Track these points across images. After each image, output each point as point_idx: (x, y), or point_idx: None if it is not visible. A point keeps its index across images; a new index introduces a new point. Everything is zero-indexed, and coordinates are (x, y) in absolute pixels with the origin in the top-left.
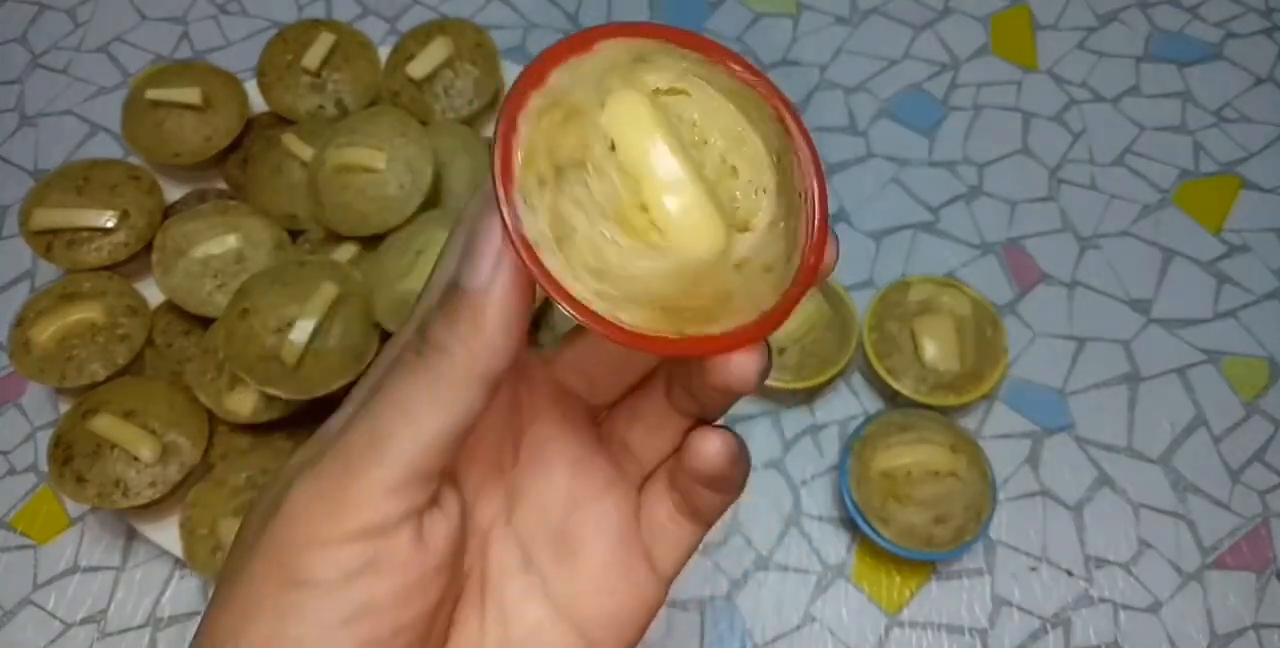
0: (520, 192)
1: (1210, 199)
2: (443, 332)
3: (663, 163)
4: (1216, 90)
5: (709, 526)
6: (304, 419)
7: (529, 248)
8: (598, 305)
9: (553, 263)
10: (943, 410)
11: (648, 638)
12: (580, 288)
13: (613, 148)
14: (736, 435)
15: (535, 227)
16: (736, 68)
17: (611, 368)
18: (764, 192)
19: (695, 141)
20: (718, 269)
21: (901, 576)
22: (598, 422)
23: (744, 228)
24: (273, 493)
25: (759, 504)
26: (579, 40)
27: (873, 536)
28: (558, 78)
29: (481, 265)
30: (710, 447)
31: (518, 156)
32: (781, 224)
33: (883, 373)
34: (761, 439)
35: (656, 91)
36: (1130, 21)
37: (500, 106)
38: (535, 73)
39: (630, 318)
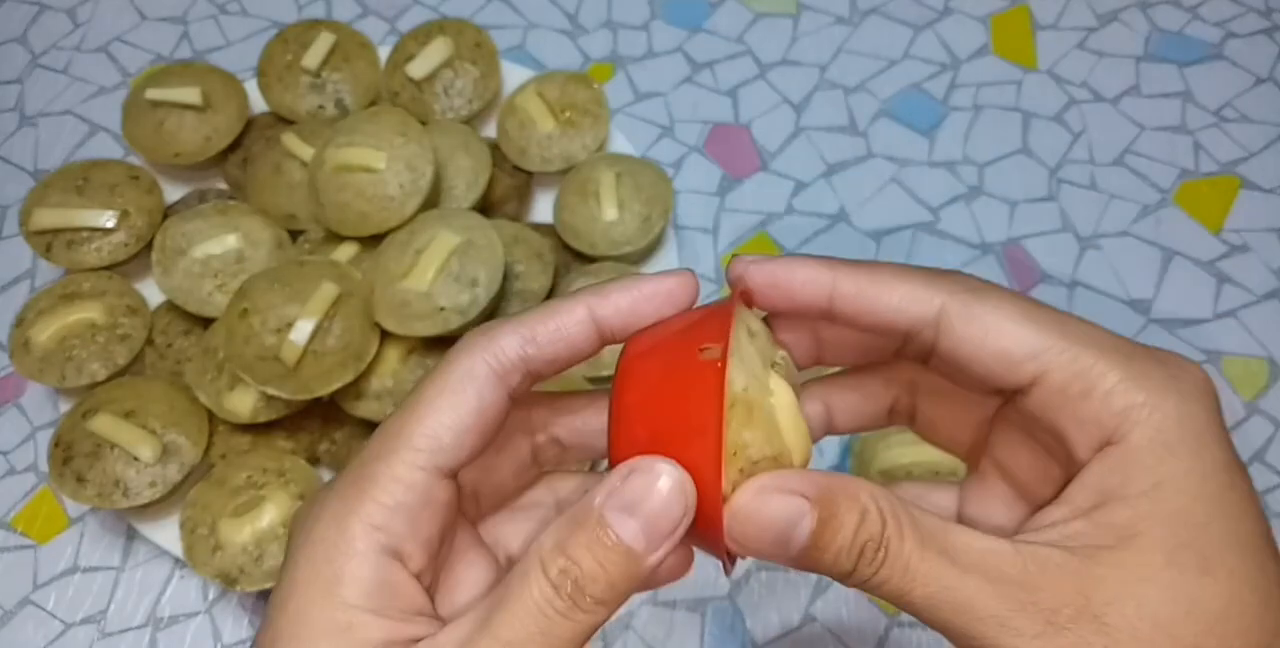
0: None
1: (1210, 199)
2: (607, 592)
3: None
4: (1216, 90)
5: None
6: (304, 419)
7: None
8: None
9: None
10: None
11: (647, 638)
12: None
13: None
14: None
15: None
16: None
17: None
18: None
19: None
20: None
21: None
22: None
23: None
24: None
25: None
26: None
27: None
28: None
29: (663, 545)
30: None
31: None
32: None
33: None
34: None
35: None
36: (1130, 21)
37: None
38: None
39: None
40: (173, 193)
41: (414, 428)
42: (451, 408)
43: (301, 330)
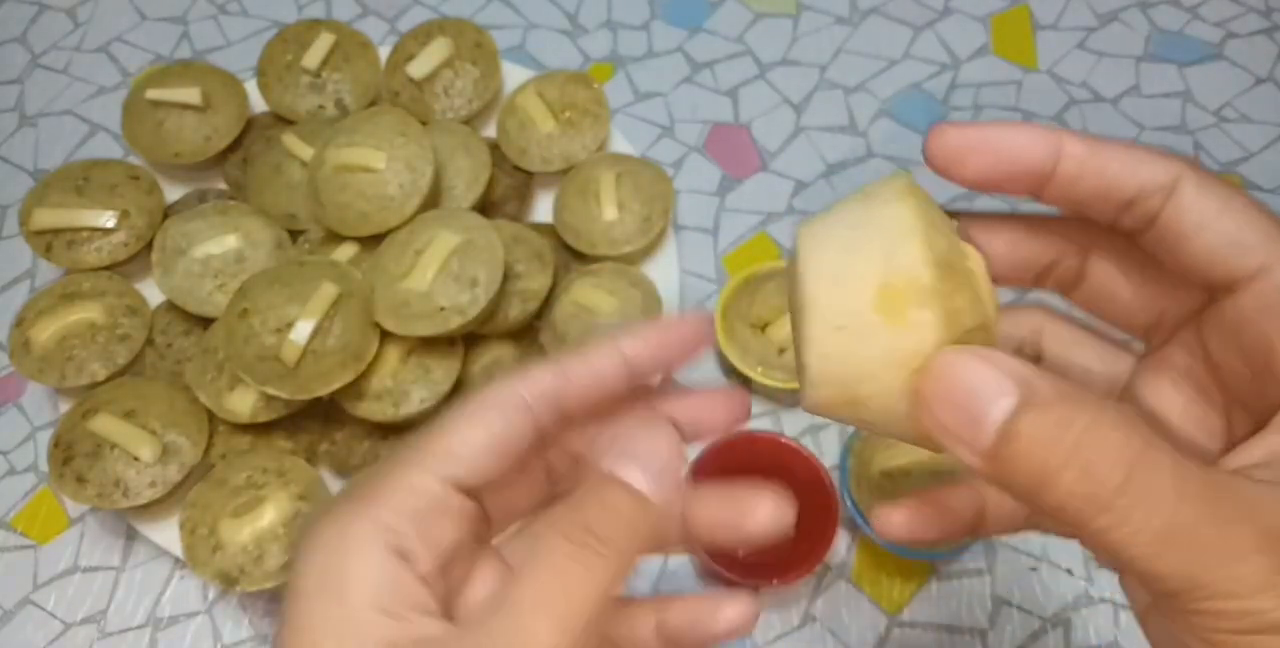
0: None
1: None
2: (616, 530)
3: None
4: (1216, 90)
5: None
6: (304, 419)
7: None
8: None
9: None
10: None
11: None
12: None
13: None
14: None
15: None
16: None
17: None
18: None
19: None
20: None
21: (901, 576)
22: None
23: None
24: None
25: None
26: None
27: (873, 536)
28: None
29: (658, 481)
30: (732, 612)
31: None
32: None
33: None
34: None
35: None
36: (1130, 21)
37: None
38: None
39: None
40: (173, 193)
41: (430, 444)
42: (471, 426)
43: (301, 330)
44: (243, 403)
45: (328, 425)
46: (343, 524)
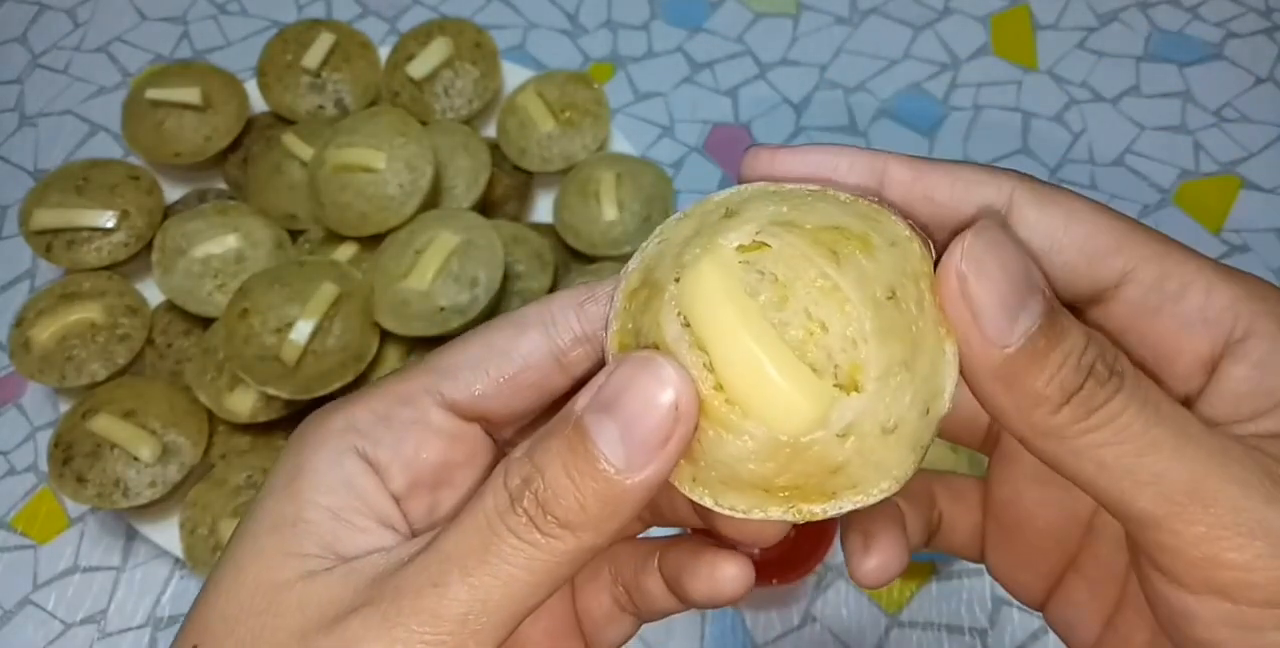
0: None
1: (1210, 199)
2: (575, 513)
3: (731, 337)
4: (1216, 90)
5: (646, 621)
6: (303, 419)
7: None
8: (696, 492)
9: None
10: None
11: (648, 638)
12: (675, 472)
13: (687, 324)
14: (749, 560)
15: None
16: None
17: None
18: (864, 341)
19: (776, 300)
20: (816, 442)
21: (901, 576)
22: None
23: (852, 387)
24: None
25: None
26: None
27: None
28: (651, 248)
29: (639, 452)
30: (727, 573)
31: (613, 339)
32: (901, 374)
33: None
34: None
35: (740, 248)
36: (1130, 21)
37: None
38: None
39: (730, 502)
40: (173, 193)
41: (433, 359)
42: (482, 344)
43: (301, 331)
44: (243, 403)
45: None
46: (316, 421)
